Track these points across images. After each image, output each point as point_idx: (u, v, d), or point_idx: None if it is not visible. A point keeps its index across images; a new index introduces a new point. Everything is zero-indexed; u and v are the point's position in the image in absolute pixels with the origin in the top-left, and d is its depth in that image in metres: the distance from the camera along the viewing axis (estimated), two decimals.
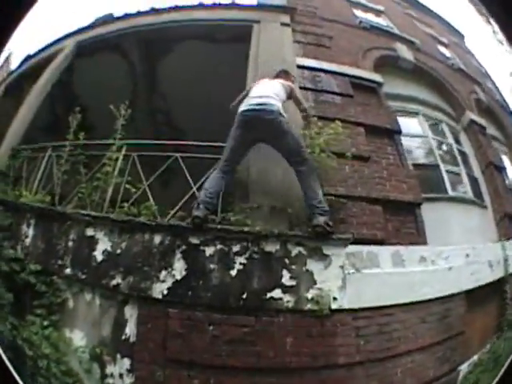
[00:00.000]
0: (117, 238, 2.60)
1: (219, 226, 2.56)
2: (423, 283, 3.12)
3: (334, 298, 2.51)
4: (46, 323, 2.48)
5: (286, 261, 2.51)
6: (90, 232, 2.69)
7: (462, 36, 5.87)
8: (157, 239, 2.55)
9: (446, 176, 4.14)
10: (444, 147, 4.30)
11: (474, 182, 4.31)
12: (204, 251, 2.49)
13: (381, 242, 3.08)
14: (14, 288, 2.55)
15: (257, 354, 2.33)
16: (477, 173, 4.40)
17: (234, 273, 2.45)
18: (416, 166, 3.91)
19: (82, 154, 3.03)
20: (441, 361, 3.04)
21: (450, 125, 4.49)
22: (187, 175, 2.93)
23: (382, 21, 5.34)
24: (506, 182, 4.47)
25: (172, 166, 3.02)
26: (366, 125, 3.60)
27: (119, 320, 2.48)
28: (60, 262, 2.72)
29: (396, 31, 5.11)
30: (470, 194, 4.27)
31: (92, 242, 2.66)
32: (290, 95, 2.99)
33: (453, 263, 3.46)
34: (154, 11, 3.92)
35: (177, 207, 2.81)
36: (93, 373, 2.43)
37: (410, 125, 4.10)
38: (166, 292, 2.42)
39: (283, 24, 4.20)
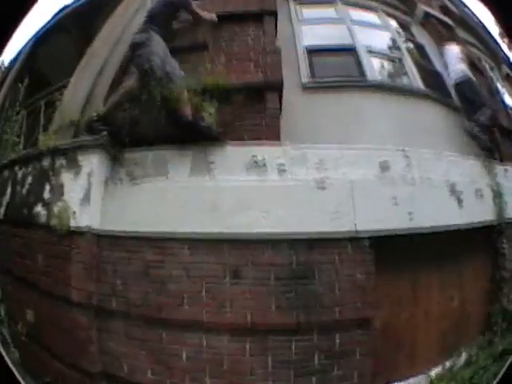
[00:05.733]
0: None
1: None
2: (247, 202, 1.91)
3: (74, 213, 2.10)
4: None
5: (50, 173, 2.33)
6: None
7: None
8: None
9: (365, 59, 2.67)
10: (374, 31, 3.19)
11: (432, 74, 3.05)
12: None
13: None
14: None
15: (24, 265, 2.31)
16: (440, 67, 3.07)
17: (24, 191, 2.53)
18: (312, 51, 2.63)
19: None
20: None
21: (393, 14, 3.43)
22: None
23: None
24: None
25: None
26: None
27: None
28: None
29: None
30: (417, 84, 2.78)
31: None
32: None
33: (331, 173, 1.98)
34: None
35: None
36: None
37: (328, 12, 3.05)
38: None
39: None
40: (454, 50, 3.31)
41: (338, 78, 2.48)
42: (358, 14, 3.22)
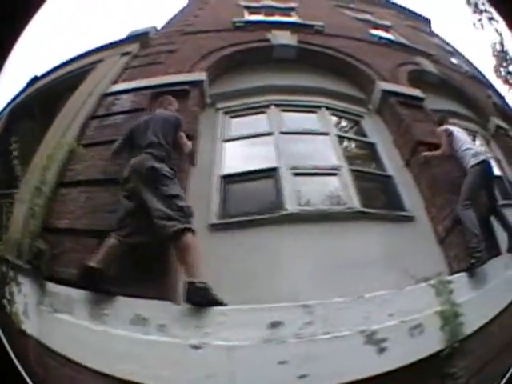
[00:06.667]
0: None
1: None
2: (131, 353, 2.12)
3: (22, 321, 2.57)
4: None
5: (6, 279, 2.79)
6: None
7: (426, 21, 5.35)
8: None
9: (287, 184, 2.43)
10: (307, 140, 2.87)
11: (380, 181, 2.70)
12: None
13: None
14: None
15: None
16: (394, 167, 2.67)
17: None
18: (229, 178, 2.55)
19: None
20: None
21: (341, 109, 3.11)
22: None
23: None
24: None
25: None
26: None
27: None
28: None
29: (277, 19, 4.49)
30: (351, 203, 2.52)
31: None
32: None
33: (210, 337, 1.99)
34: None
35: None
36: None
37: (258, 122, 2.92)
38: None
39: (124, 54, 3.93)
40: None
41: (250, 217, 2.25)
42: (291, 120, 2.65)
